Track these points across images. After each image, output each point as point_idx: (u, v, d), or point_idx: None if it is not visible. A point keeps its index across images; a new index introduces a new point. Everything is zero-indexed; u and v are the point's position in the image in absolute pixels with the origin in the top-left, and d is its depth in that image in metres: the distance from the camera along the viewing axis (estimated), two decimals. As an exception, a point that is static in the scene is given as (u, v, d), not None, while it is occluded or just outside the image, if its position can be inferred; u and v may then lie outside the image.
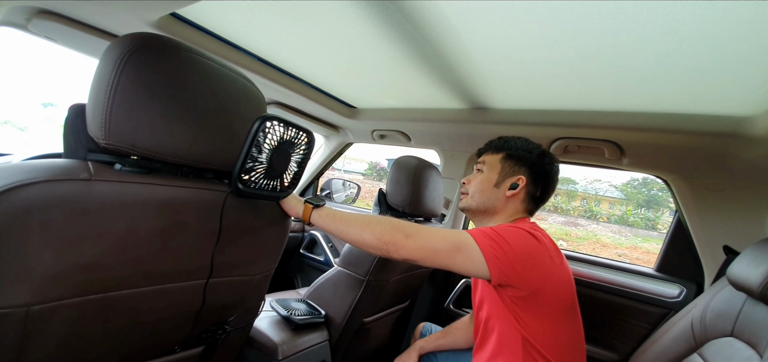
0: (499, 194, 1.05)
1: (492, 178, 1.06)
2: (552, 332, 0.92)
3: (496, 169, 1.07)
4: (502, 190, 1.05)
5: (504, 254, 0.85)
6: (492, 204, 1.05)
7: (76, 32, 1.02)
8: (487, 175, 1.07)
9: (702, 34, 0.75)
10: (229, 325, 0.92)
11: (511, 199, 1.04)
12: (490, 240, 0.86)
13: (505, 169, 1.06)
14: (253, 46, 1.25)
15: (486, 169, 1.08)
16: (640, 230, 9.16)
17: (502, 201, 1.05)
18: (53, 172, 0.55)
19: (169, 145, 0.64)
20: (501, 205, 1.05)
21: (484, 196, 1.06)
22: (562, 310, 0.94)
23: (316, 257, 2.34)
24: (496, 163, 1.07)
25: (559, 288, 0.93)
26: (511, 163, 1.06)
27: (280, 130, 0.75)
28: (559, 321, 0.93)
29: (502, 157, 1.07)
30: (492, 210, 1.06)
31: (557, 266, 0.93)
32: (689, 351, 1.04)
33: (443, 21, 0.91)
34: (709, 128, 1.14)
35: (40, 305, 0.56)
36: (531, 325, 0.90)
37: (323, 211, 0.92)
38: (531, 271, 0.87)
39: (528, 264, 0.87)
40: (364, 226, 0.88)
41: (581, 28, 0.82)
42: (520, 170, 1.05)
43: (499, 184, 1.05)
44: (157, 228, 0.66)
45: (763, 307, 0.89)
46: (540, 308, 0.90)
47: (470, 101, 1.51)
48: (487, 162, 1.09)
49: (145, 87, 0.60)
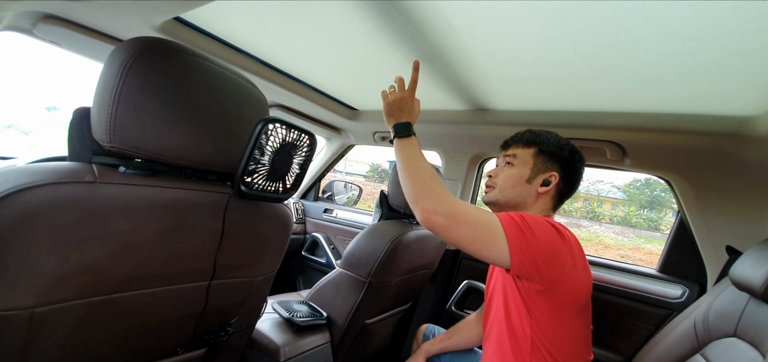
0: (530, 190, 1.02)
1: (524, 173, 1.03)
2: (562, 331, 0.91)
3: (528, 164, 1.03)
4: (535, 186, 1.02)
5: (528, 245, 0.82)
6: (523, 199, 1.03)
7: (81, 37, 1.03)
8: (518, 169, 1.04)
9: (703, 34, 0.75)
10: (231, 327, 0.92)
11: (542, 196, 1.02)
12: (517, 228, 0.83)
13: (538, 165, 1.03)
14: (256, 49, 1.26)
15: (517, 163, 1.05)
16: (643, 231, 9.11)
17: (533, 197, 1.02)
18: (58, 174, 0.55)
19: (173, 148, 0.65)
20: (532, 201, 1.03)
21: (514, 191, 1.03)
22: (575, 312, 0.93)
23: (318, 259, 2.34)
24: (529, 158, 1.04)
25: (576, 290, 0.91)
26: (544, 158, 1.03)
27: (282, 132, 0.75)
28: (569, 322, 0.92)
29: (535, 151, 1.04)
30: (522, 206, 1.03)
31: (578, 267, 0.90)
32: (692, 352, 1.04)
33: (444, 22, 0.91)
34: (711, 128, 1.13)
35: (45, 307, 0.57)
36: (542, 320, 0.89)
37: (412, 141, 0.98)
38: (551, 268, 0.85)
39: (550, 261, 0.85)
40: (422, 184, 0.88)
41: (582, 29, 0.82)
42: (553, 166, 1.02)
43: (532, 180, 1.02)
44: (161, 230, 0.66)
45: (766, 307, 0.89)
46: (553, 305, 0.89)
47: (471, 102, 1.51)
48: (519, 156, 1.05)
49: (149, 90, 0.61)
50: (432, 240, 1.50)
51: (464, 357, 1.29)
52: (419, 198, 0.86)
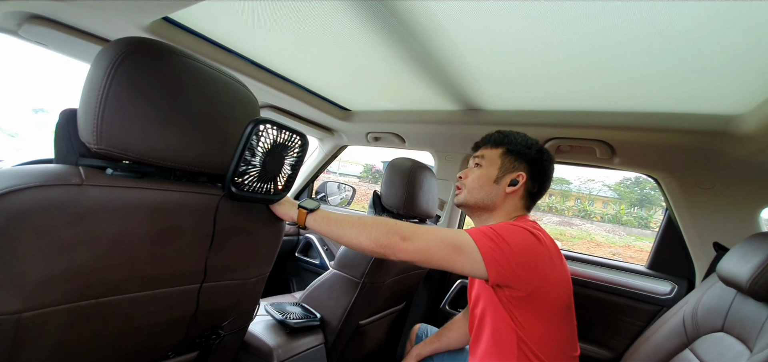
0: (498, 190, 1.03)
1: (491, 174, 1.03)
2: (547, 332, 0.91)
3: (495, 164, 1.04)
4: (502, 186, 1.02)
5: (502, 254, 0.84)
6: (491, 200, 1.03)
7: (68, 37, 1.01)
8: (486, 170, 1.05)
9: (688, 33, 0.77)
10: (223, 330, 0.91)
11: (511, 196, 1.03)
12: (489, 240, 0.85)
13: (505, 165, 1.03)
14: (246, 49, 1.25)
15: (485, 164, 1.05)
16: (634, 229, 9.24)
17: (502, 198, 1.03)
18: (44, 177, 0.55)
19: (162, 149, 0.64)
20: (500, 201, 1.03)
21: (483, 192, 1.04)
22: (559, 311, 0.93)
23: (311, 260, 2.33)
24: (496, 158, 1.05)
25: (556, 290, 0.92)
26: (511, 158, 1.03)
27: (273, 133, 0.75)
28: (554, 322, 0.93)
29: (502, 151, 1.05)
30: (491, 206, 1.04)
31: (557, 267, 0.92)
32: (681, 347, 1.05)
33: (435, 23, 0.92)
34: (698, 127, 1.15)
35: (33, 311, 0.56)
36: (526, 325, 0.90)
37: (318, 215, 0.90)
38: (530, 272, 0.86)
39: (527, 265, 0.86)
40: (360, 229, 0.86)
41: (571, 29, 0.83)
42: (520, 166, 1.03)
43: (499, 180, 1.03)
44: (150, 232, 0.66)
45: (752, 302, 0.90)
46: (536, 309, 0.90)
47: (463, 103, 1.52)
48: (486, 156, 1.06)
49: (136, 91, 0.60)
50: (425, 240, 1.51)
51: (456, 357, 1.30)
52: (382, 245, 0.84)
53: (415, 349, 1.33)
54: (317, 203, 0.94)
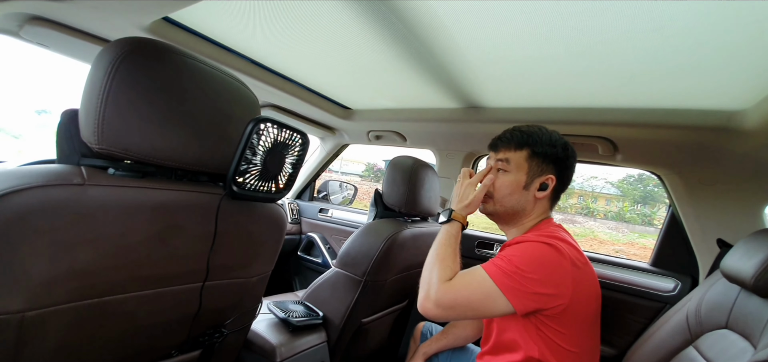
0: (528, 196, 0.97)
1: (520, 180, 0.97)
2: (573, 344, 0.88)
3: (523, 169, 0.97)
4: (532, 192, 0.97)
5: (524, 287, 0.81)
6: (521, 206, 0.98)
7: (69, 38, 1.02)
8: (514, 176, 0.98)
9: (689, 29, 0.76)
10: (226, 328, 0.92)
11: (540, 201, 0.98)
12: (507, 276, 0.83)
13: (533, 169, 0.97)
14: (247, 48, 1.25)
15: (512, 169, 0.99)
16: (637, 226, 9.20)
17: (532, 203, 0.98)
18: (46, 177, 0.55)
19: (163, 149, 0.64)
20: (530, 207, 0.99)
21: (513, 200, 0.98)
22: (588, 322, 0.91)
23: (313, 259, 2.34)
24: (522, 162, 0.98)
25: (585, 300, 0.88)
26: (538, 160, 0.97)
27: (274, 131, 0.75)
28: (582, 333, 0.90)
29: (528, 154, 0.98)
30: (521, 214, 0.99)
31: (583, 276, 0.87)
32: (685, 344, 1.05)
33: (435, 21, 0.91)
34: (700, 123, 1.15)
35: (36, 311, 0.56)
36: (553, 338, 0.87)
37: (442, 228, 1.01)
38: (555, 288, 0.83)
39: (550, 282, 0.83)
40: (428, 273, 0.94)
41: (570, 26, 0.83)
42: (548, 168, 0.97)
43: (529, 186, 0.97)
44: (152, 232, 0.66)
45: (756, 299, 0.90)
46: (565, 322, 0.86)
47: (464, 100, 1.52)
48: (512, 160, 0.99)
49: (137, 91, 0.60)
50: (427, 237, 1.50)
51: (460, 354, 1.30)
52: (421, 289, 0.92)
53: (421, 347, 1.32)
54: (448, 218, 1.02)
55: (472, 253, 1.87)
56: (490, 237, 1.89)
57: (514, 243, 0.92)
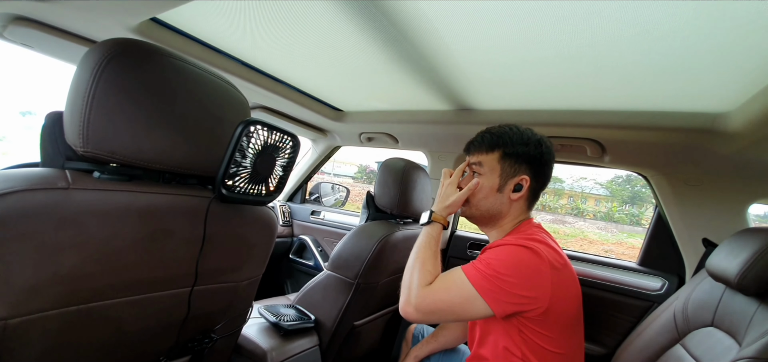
0: (503, 198, 0.98)
1: (493, 183, 0.98)
2: (556, 346, 0.89)
3: (495, 171, 0.98)
4: (506, 194, 0.97)
5: (501, 290, 0.82)
6: (498, 209, 0.99)
7: (55, 39, 1.00)
8: (486, 179, 0.98)
9: (675, 32, 0.78)
10: (215, 333, 0.90)
11: (516, 201, 0.98)
12: (485, 280, 0.84)
13: (506, 170, 0.97)
14: (236, 50, 1.24)
15: (485, 172, 0.99)
16: (625, 226, 9.34)
17: (508, 205, 0.98)
18: (30, 181, 0.54)
19: (150, 152, 0.63)
20: (506, 209, 0.99)
21: (488, 203, 0.99)
22: (569, 322, 0.91)
23: (305, 261, 2.32)
24: (495, 164, 0.98)
25: (565, 301, 0.88)
26: (510, 161, 0.97)
27: (263, 134, 0.74)
28: (564, 336, 0.90)
29: (500, 155, 0.98)
30: (498, 216, 1.00)
31: (561, 278, 0.88)
32: (672, 342, 1.07)
33: (425, 23, 0.92)
34: (686, 125, 1.17)
35: (19, 318, 0.55)
36: (538, 343, 0.88)
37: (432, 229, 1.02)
38: (534, 291, 0.84)
39: (528, 285, 0.83)
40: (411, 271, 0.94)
41: (559, 29, 0.84)
42: (521, 168, 0.97)
43: (502, 188, 0.97)
44: (139, 236, 0.65)
45: (740, 297, 0.92)
46: (547, 324, 0.87)
47: (455, 102, 1.53)
48: (485, 163, 0.99)
49: (123, 93, 0.59)
50: (419, 239, 1.51)
51: (451, 356, 1.30)
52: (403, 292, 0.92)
53: (413, 351, 1.32)
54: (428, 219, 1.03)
55: (464, 254, 1.88)
56: (482, 238, 1.90)
57: (494, 246, 0.92)
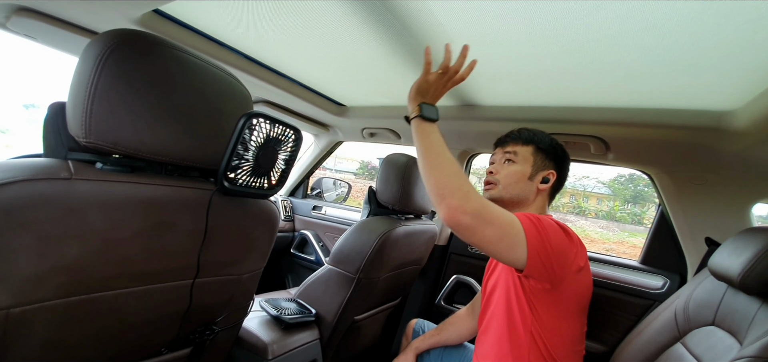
0: (532, 187, 1.05)
1: (526, 171, 1.06)
2: (561, 328, 0.93)
3: (529, 162, 1.06)
4: (535, 183, 1.05)
5: (543, 247, 0.83)
6: (525, 196, 1.05)
7: (57, 30, 1.00)
8: (520, 166, 1.06)
9: (682, 28, 0.77)
10: (217, 326, 0.91)
11: (541, 193, 1.06)
12: (535, 230, 0.83)
13: (538, 162, 1.06)
14: (239, 43, 1.24)
15: (518, 160, 1.07)
16: (627, 225, 9.32)
17: (534, 194, 1.06)
18: (32, 171, 0.54)
19: (152, 143, 0.63)
20: (532, 198, 1.06)
21: (518, 188, 1.05)
22: (577, 309, 0.95)
23: (307, 256, 2.33)
24: (529, 155, 1.07)
25: (580, 288, 0.93)
26: (542, 156, 1.06)
27: (266, 127, 0.74)
28: (570, 319, 0.94)
29: (533, 149, 1.07)
30: (524, 202, 1.06)
31: (582, 269, 0.92)
32: (673, 341, 1.06)
33: (430, 18, 0.91)
34: (691, 123, 1.16)
35: (21, 307, 0.55)
36: (544, 318, 0.91)
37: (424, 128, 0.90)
38: (560, 267, 0.86)
39: (559, 261, 0.86)
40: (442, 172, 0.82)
41: (564, 23, 0.83)
42: (550, 164, 1.07)
43: (533, 177, 1.05)
44: (141, 227, 0.65)
45: (742, 296, 0.91)
46: (557, 303, 0.91)
47: (459, 98, 1.52)
48: (519, 153, 1.08)
49: (126, 84, 0.59)
50: (420, 235, 1.51)
51: (454, 352, 1.30)
52: (446, 193, 0.78)
53: (414, 343, 1.33)
54: (437, 116, 0.94)
55: (465, 250, 1.88)
56: None
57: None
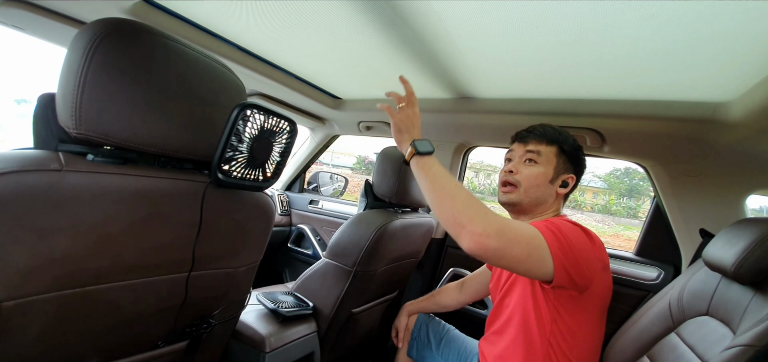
0: (552, 190, 1.00)
1: (548, 173, 1.00)
2: (583, 331, 0.90)
3: (551, 163, 1.00)
4: (555, 187, 1.01)
5: (568, 259, 0.79)
6: (544, 199, 1.00)
7: (46, 21, 0.98)
8: (543, 168, 1.00)
9: (679, 17, 0.76)
10: (213, 319, 0.90)
11: (559, 197, 1.02)
12: (558, 242, 0.79)
13: (560, 165, 1.01)
14: (233, 34, 1.22)
15: (542, 162, 1.01)
16: (623, 219, 9.39)
17: (553, 198, 1.01)
18: (22, 162, 0.53)
19: (144, 135, 0.63)
20: (551, 201, 1.01)
21: (538, 191, 0.99)
22: (599, 313, 0.93)
23: (304, 250, 2.32)
24: (552, 157, 1.01)
25: (602, 292, 0.91)
26: (565, 159, 1.01)
27: (260, 118, 0.73)
28: (592, 323, 0.92)
29: (557, 150, 1.01)
30: (541, 207, 1.01)
31: (605, 271, 0.90)
32: (667, 331, 1.07)
33: (427, 9, 0.90)
34: (686, 114, 1.16)
35: (13, 300, 0.54)
36: (567, 323, 0.88)
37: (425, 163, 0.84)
38: (586, 274, 0.83)
39: (584, 268, 0.82)
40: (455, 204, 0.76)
41: (560, 13, 0.83)
42: (571, 168, 1.02)
43: (554, 181, 1.00)
44: (134, 220, 0.64)
45: (736, 286, 0.92)
46: (581, 309, 0.88)
47: (455, 91, 1.51)
48: (543, 153, 1.01)
49: (116, 74, 0.58)
50: (417, 228, 1.51)
51: (455, 352, 1.31)
52: (465, 221, 0.74)
53: (406, 305, 1.41)
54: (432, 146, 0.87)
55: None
56: None
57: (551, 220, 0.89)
